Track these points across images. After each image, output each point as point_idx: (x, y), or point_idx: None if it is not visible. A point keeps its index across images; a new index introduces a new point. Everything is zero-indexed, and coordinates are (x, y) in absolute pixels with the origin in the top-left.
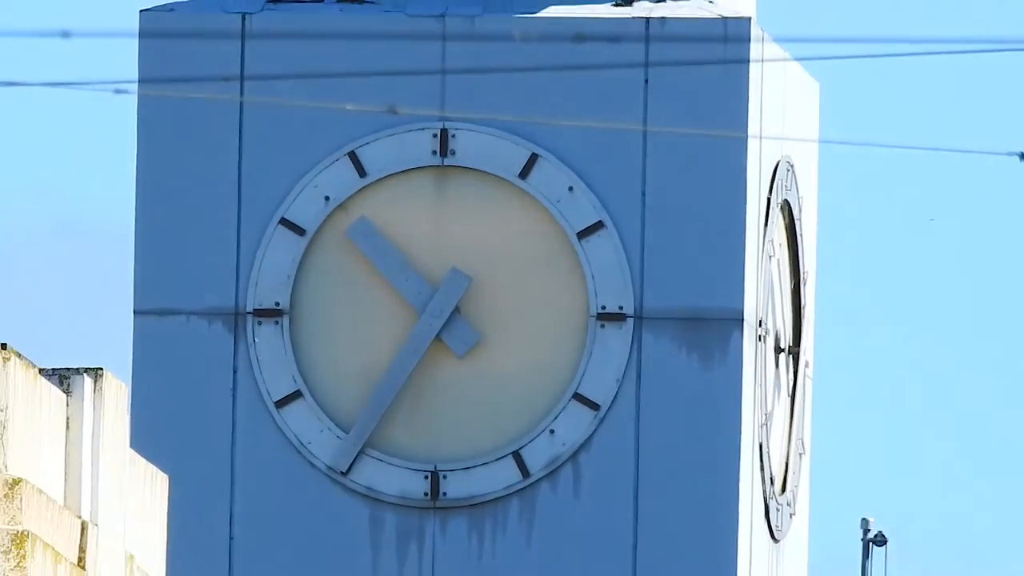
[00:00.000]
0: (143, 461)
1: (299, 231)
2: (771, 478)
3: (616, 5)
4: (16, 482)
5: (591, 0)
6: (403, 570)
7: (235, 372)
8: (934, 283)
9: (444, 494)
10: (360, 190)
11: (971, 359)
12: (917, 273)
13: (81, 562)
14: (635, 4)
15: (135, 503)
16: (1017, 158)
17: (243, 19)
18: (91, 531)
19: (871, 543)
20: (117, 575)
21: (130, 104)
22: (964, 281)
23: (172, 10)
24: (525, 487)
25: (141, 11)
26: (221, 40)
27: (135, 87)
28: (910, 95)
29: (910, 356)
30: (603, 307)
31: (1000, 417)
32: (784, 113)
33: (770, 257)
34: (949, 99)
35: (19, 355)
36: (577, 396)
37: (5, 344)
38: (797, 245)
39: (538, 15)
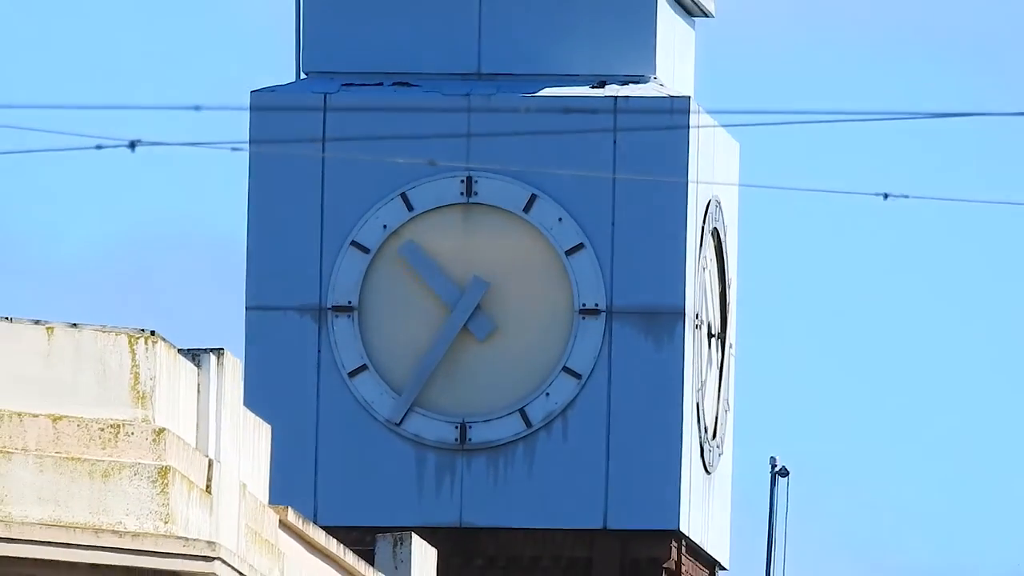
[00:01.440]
0: (252, 415)
1: (365, 250)
2: (705, 427)
3: (593, 87)
4: (161, 431)
5: (575, 84)
6: (439, 495)
7: (319, 352)
8: (821, 285)
9: (469, 440)
10: (408, 220)
11: (854, 345)
12: (810, 278)
13: (208, 489)
14: (607, 87)
15: (246, 446)
16: (882, 198)
17: (324, 98)
18: (215, 467)
19: (777, 475)
20: (233, 499)
21: (243, 158)
22: (840, 282)
23: (273, 91)
24: (528, 435)
25: (252, 91)
26: (309, 112)
27: (247, 146)
28: (803, 149)
29: (807, 339)
30: (584, 304)
31: (879, 385)
32: (713, 164)
33: (704, 268)
34: (832, 150)
35: (163, 339)
36: (566, 369)
37: (153, 331)
38: (723, 260)
39: (536, 94)
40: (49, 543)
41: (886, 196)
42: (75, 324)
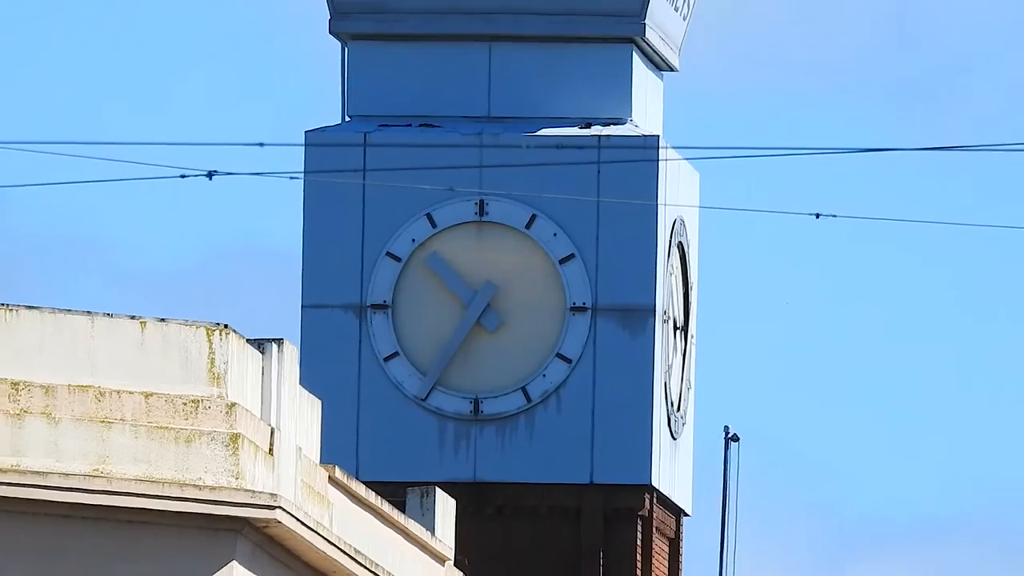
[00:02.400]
0: (307, 392)
1: (397, 259)
2: (671, 402)
3: (581, 128)
4: (232, 405)
5: (566, 125)
6: (457, 456)
7: (359, 341)
8: (765, 287)
9: (481, 412)
10: (432, 235)
11: (793, 333)
12: (756, 282)
13: (270, 451)
14: (592, 127)
15: (301, 417)
16: (814, 217)
17: (364, 136)
18: (276, 433)
19: (729, 440)
20: (290, 459)
21: (299, 186)
22: (781, 284)
23: (323, 131)
24: (528, 408)
25: (306, 131)
26: (352, 148)
27: (302, 175)
28: (751, 177)
29: (754, 330)
30: (574, 303)
31: (814, 366)
32: (678, 190)
33: (671, 274)
34: (774, 178)
35: (234, 331)
36: (559, 355)
37: (227, 324)
38: (686, 267)
39: (535, 134)
40: (143, 495)
41: (818, 215)
42: (163, 319)
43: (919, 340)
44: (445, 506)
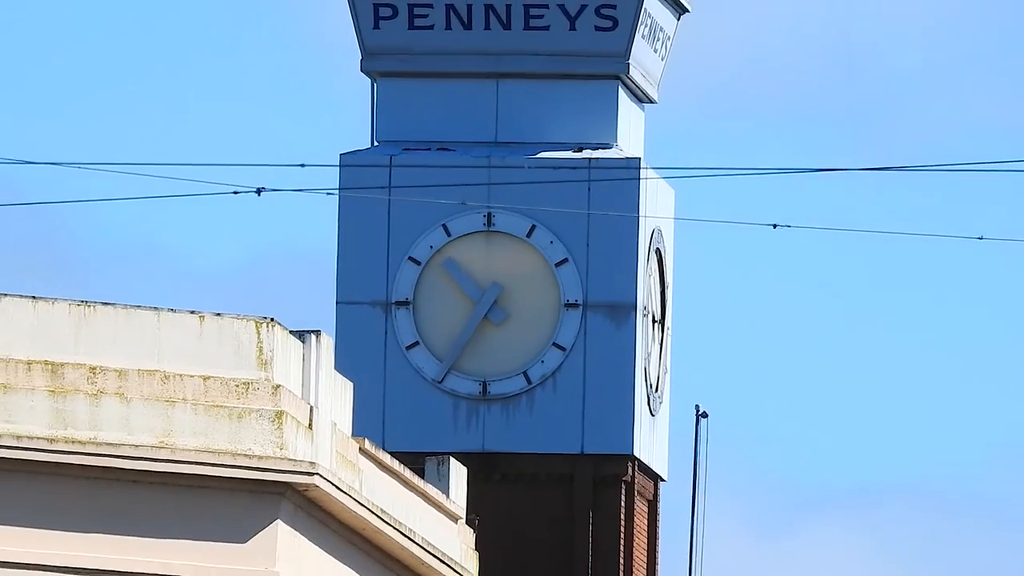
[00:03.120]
0: (340, 376)
1: (417, 263)
2: (650, 384)
3: (574, 151)
4: (277, 387)
5: (562, 149)
6: (468, 430)
7: (385, 332)
8: (730, 286)
9: (489, 393)
10: (447, 243)
11: (754, 325)
12: (723, 282)
13: (310, 426)
14: (583, 151)
15: (336, 397)
16: (771, 227)
17: (390, 158)
18: (314, 411)
19: (700, 417)
20: (327, 432)
21: (334, 200)
22: (744, 283)
23: (355, 153)
24: (529, 389)
25: (341, 153)
26: (380, 168)
27: (337, 192)
28: (718, 193)
29: (721, 323)
30: (568, 300)
31: (774, 353)
32: (657, 203)
33: (650, 275)
34: (737, 193)
35: (279, 324)
36: (555, 344)
37: (272, 318)
38: (663, 269)
39: (535, 156)
40: (201, 463)
41: (775, 226)
42: (218, 313)
43: (860, 330)
44: (458, 473)
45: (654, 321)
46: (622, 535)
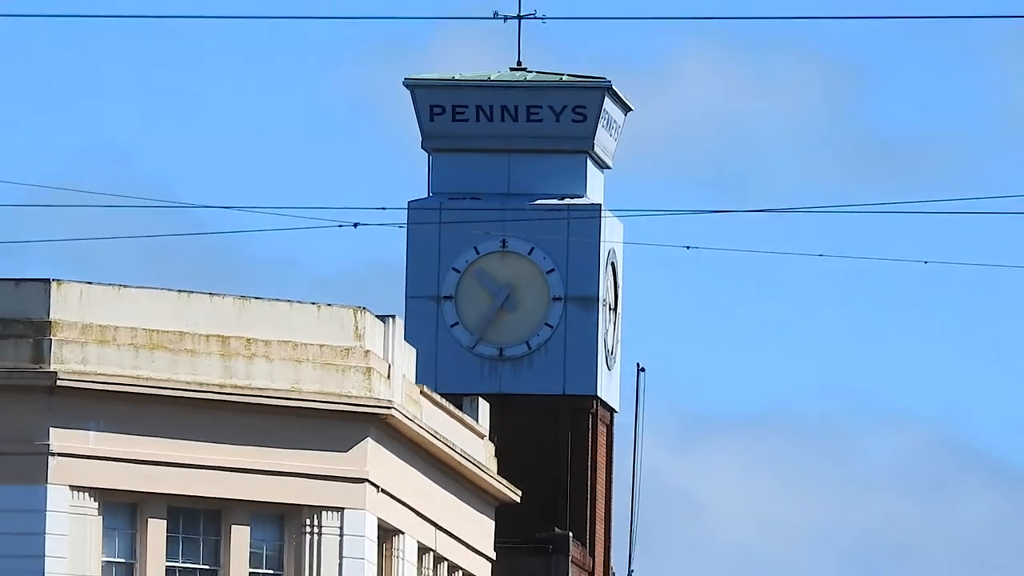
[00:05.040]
0: (408, 344)
1: (457, 271)
2: (608, 349)
3: (558, 200)
4: (367, 351)
5: (550, 198)
6: (491, 380)
7: (437, 316)
8: (663, 282)
9: (504, 355)
10: (477, 258)
11: (683, 307)
12: (659, 280)
13: (388, 377)
14: (564, 199)
15: (405, 358)
16: (684, 248)
17: (440, 203)
18: (391, 367)
19: (640, 371)
20: (399, 381)
21: (403, 232)
22: (675, 280)
23: (417, 201)
24: (529, 353)
25: (409, 201)
26: (433, 210)
27: (406, 226)
28: (650, 225)
29: (658, 308)
30: (554, 295)
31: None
32: (612, 233)
33: (607, 279)
34: (664, 225)
35: (368, 310)
36: (546, 324)
37: (364, 307)
38: (615, 275)
39: (532, 203)
40: (319, 401)
41: (688, 247)
42: (330, 304)
43: (751, 304)
44: (483, 408)
45: (610, 309)
46: (590, 447)
